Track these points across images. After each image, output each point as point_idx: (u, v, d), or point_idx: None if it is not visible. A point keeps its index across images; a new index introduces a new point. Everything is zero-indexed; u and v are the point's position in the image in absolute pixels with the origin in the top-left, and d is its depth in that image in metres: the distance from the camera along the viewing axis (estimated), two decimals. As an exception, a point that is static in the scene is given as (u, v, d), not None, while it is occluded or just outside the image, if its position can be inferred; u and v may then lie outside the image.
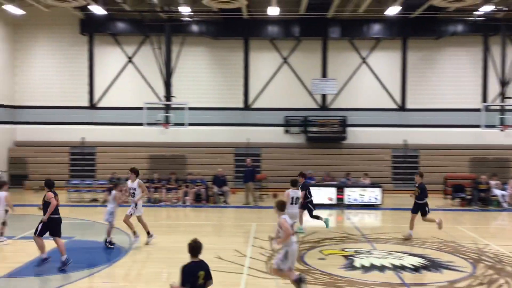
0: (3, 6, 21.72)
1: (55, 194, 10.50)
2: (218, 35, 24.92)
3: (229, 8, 20.97)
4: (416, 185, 14.06)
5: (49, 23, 25.24)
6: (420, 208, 13.81)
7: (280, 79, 25.70)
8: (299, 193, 13.37)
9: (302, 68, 25.62)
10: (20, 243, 12.87)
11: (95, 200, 20.65)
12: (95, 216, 17.52)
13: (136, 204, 12.71)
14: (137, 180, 13.00)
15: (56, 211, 10.49)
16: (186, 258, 6.31)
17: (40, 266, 10.35)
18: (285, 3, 22.14)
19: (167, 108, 22.63)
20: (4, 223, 12.84)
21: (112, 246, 12.48)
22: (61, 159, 24.88)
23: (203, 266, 6.16)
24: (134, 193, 12.83)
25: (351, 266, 10.94)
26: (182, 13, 22.45)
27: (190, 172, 22.20)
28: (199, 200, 20.32)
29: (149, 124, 21.99)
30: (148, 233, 12.84)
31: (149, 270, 10.88)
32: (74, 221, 16.63)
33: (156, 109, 22.71)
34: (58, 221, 10.63)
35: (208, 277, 6.16)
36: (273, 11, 21.35)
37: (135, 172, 13.06)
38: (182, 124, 22.08)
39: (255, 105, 25.69)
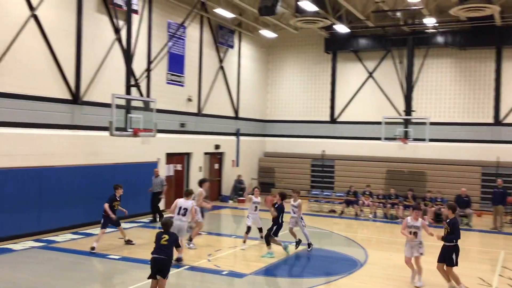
0: (260, 31, 24.47)
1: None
2: (465, 45, 23.27)
3: (479, 16, 19.41)
4: (447, 220, 10.38)
5: (297, 44, 27.34)
6: (446, 253, 10.13)
7: (540, 91, 22.57)
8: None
9: None
10: (262, 246, 14.11)
11: (333, 211, 21.36)
12: (333, 226, 18.16)
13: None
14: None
15: None
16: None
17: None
18: (548, 4, 19.45)
19: (407, 122, 22.07)
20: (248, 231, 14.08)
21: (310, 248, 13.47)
22: (303, 170, 26.50)
23: (170, 233, 8.67)
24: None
25: None
26: (426, 24, 21.71)
27: (429, 189, 21.15)
28: (439, 220, 19.18)
29: (387, 139, 21.77)
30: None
31: (382, 287, 10.71)
32: (313, 229, 17.52)
33: (395, 124, 22.34)
34: None
35: (172, 242, 8.57)
36: (533, 14, 18.94)
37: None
38: (423, 140, 21.24)
39: (507, 120, 23.08)
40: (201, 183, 14.45)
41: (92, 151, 16.24)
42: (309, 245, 13.51)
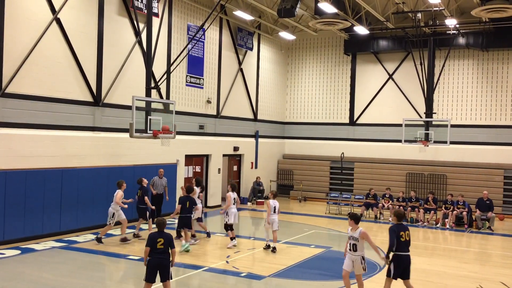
0: (280, 33, 24.48)
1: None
2: (487, 46, 22.93)
3: (501, 17, 19.11)
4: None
5: (316, 46, 27.28)
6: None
7: None
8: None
9: None
10: (285, 247, 14.10)
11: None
12: (352, 229, 18.00)
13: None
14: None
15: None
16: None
17: None
18: None
19: (427, 125, 21.83)
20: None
21: None
22: (322, 172, 26.39)
23: (164, 236, 8.42)
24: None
25: None
26: (447, 26, 21.46)
27: (451, 193, 20.87)
28: (460, 224, 18.92)
29: (408, 141, 21.57)
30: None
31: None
32: (332, 232, 17.45)
33: (415, 126, 22.14)
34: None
35: (167, 245, 8.39)
36: (558, 14, 18.56)
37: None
38: (444, 142, 20.99)
39: (531, 123, 22.68)
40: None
41: (113, 153, 16.42)
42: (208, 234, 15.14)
